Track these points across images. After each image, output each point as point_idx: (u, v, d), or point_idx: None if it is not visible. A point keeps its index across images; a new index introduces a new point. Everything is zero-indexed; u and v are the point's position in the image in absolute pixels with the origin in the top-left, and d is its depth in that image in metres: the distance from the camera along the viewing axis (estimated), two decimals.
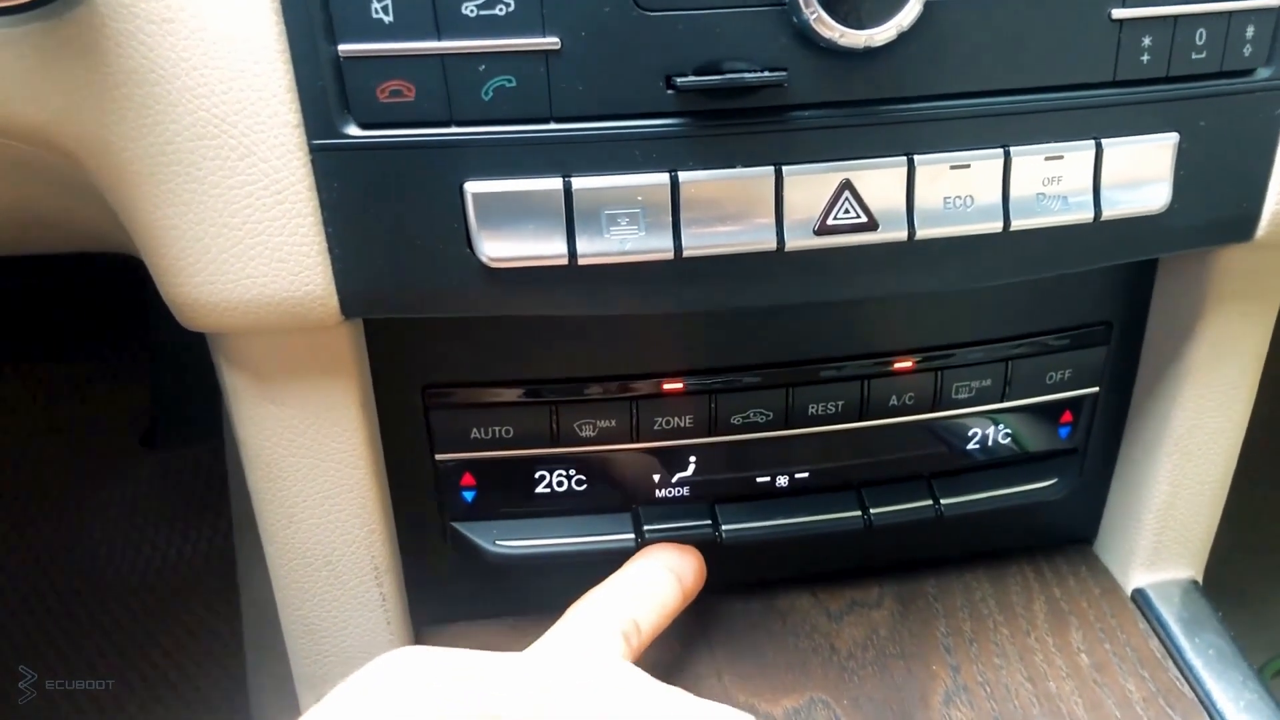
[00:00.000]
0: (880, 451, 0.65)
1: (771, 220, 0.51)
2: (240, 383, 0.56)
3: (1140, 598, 0.70)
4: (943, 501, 0.65)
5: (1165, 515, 0.69)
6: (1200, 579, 0.72)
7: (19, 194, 0.58)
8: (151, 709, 1.33)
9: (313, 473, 0.58)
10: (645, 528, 0.63)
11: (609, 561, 0.63)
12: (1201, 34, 0.52)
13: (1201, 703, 0.63)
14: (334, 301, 0.51)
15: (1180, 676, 0.64)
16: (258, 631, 1.07)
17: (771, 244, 0.51)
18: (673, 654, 0.65)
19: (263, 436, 0.57)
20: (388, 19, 0.46)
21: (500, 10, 0.46)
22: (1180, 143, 0.54)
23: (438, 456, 0.61)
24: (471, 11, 0.46)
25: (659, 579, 0.60)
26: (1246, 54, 0.53)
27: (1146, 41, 0.52)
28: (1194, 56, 0.53)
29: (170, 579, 1.44)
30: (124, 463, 1.50)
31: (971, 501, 0.66)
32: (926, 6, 0.47)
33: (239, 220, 0.49)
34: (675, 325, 0.61)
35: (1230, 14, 0.52)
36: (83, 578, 1.43)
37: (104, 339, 1.52)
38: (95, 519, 1.46)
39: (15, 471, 1.47)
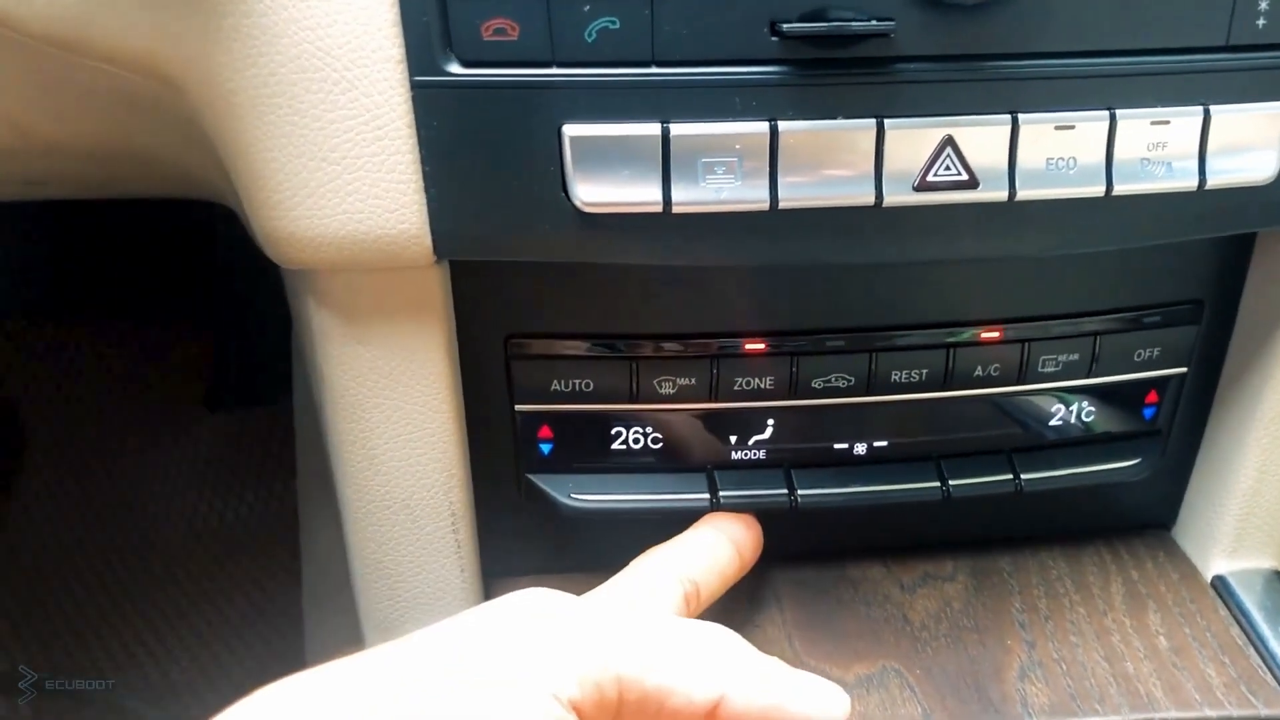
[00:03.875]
0: (961, 424, 0.64)
1: (871, 174, 0.50)
2: (328, 322, 0.56)
3: (1220, 584, 0.68)
4: (1023, 476, 0.64)
5: (1250, 502, 0.67)
6: None
7: (120, 128, 0.59)
8: (209, 667, 1.35)
9: (396, 415, 0.58)
10: (720, 490, 0.63)
11: (682, 521, 0.63)
12: None
13: None
14: (427, 241, 0.51)
15: (1263, 664, 0.63)
16: (318, 591, 1.08)
17: (870, 198, 0.50)
18: (743, 615, 0.65)
19: (348, 377, 0.57)
20: None
21: None
22: None
23: (517, 407, 0.61)
24: None
25: (721, 547, 0.60)
26: None
27: (1263, 5, 0.51)
28: None
29: (227, 540, 1.46)
30: (187, 423, 1.52)
31: (1052, 478, 0.65)
32: None
33: (338, 155, 0.49)
34: (760, 285, 0.60)
35: None
36: (139, 535, 1.45)
37: (171, 299, 1.53)
38: (155, 479, 1.48)
39: (78, 428, 1.49)
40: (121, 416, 1.51)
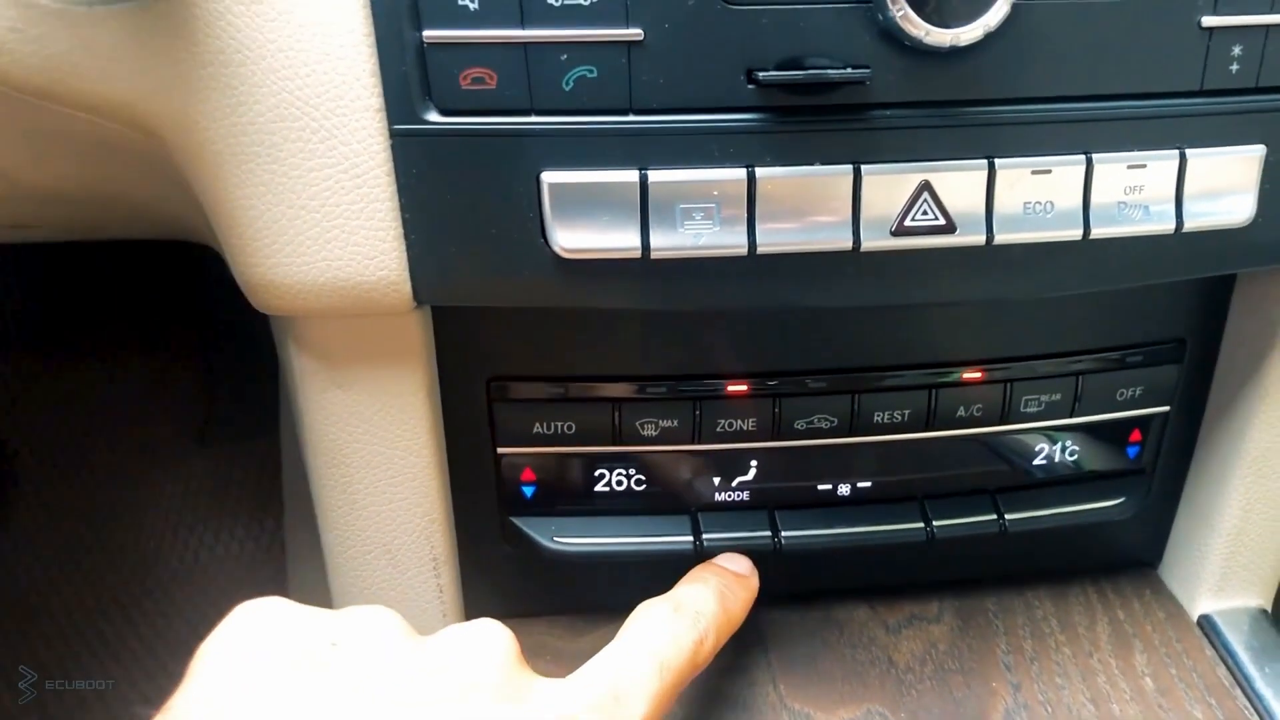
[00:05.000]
0: (945, 463, 0.64)
1: (848, 219, 0.50)
2: (309, 367, 0.56)
3: (1207, 624, 0.68)
4: (1007, 516, 0.64)
5: (1235, 541, 0.67)
6: (1269, 608, 0.70)
7: (102, 173, 0.59)
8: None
9: (376, 459, 0.58)
10: (704, 533, 0.63)
11: (666, 563, 0.62)
12: None
13: None
14: (407, 287, 0.51)
15: (1249, 705, 0.62)
16: None
17: (847, 243, 0.50)
18: (728, 660, 0.64)
19: (328, 422, 0.57)
20: (473, 6, 0.46)
21: (585, 0, 0.46)
22: (1267, 155, 0.53)
23: (500, 450, 0.61)
24: (556, 0, 0.46)
25: (708, 614, 0.56)
26: None
27: (1236, 51, 0.51)
28: None
29: (215, 576, 1.45)
30: (177, 458, 1.51)
31: (1036, 518, 0.65)
32: (1014, 8, 0.47)
33: (317, 203, 0.49)
34: (741, 327, 0.60)
35: None
36: (129, 570, 1.44)
37: (161, 334, 1.53)
38: (145, 514, 1.48)
39: (68, 463, 1.49)
40: (111, 452, 1.50)
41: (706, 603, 0.56)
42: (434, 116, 0.48)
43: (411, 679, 0.45)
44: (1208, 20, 0.50)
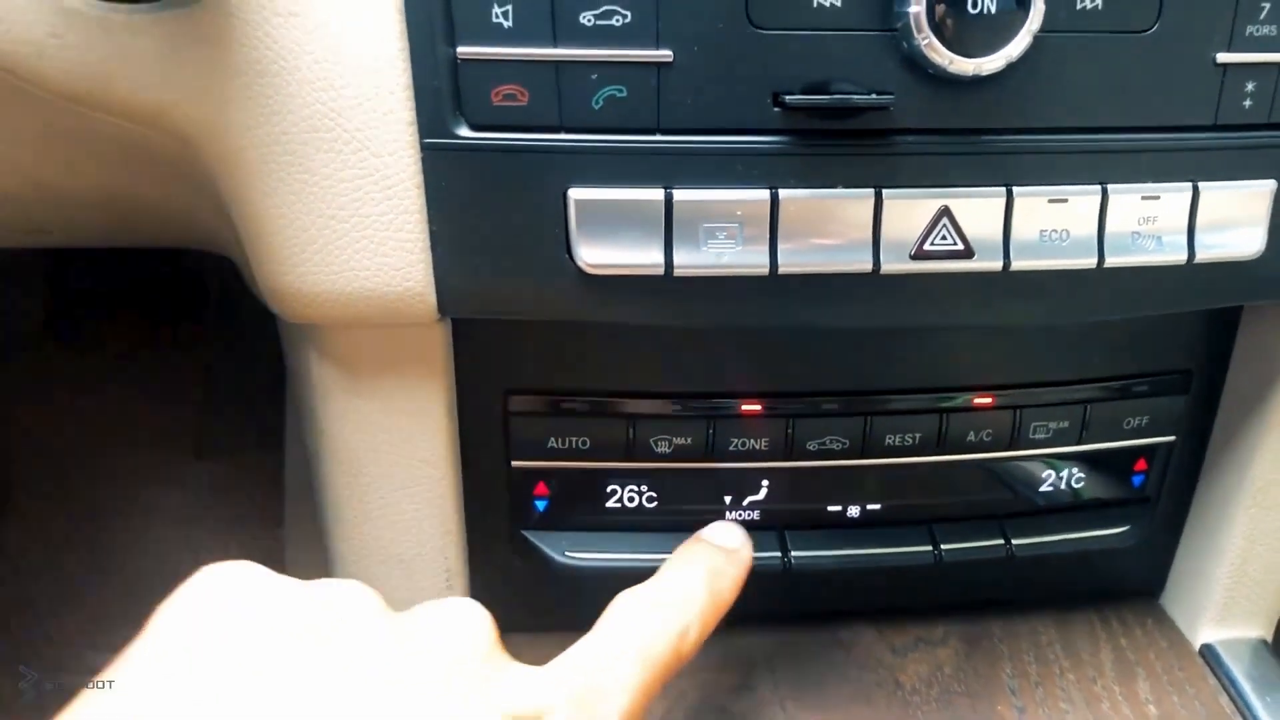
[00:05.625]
0: (954, 488, 0.65)
1: (868, 242, 0.51)
2: (330, 375, 0.57)
3: (1209, 653, 0.69)
4: (1014, 541, 0.65)
5: (1239, 571, 0.68)
6: (1270, 639, 0.70)
7: (130, 180, 0.59)
8: None
9: (394, 469, 0.58)
10: None
11: None
12: None
13: None
14: (432, 299, 0.51)
15: None
16: None
17: (867, 266, 0.51)
18: (735, 678, 0.65)
19: (348, 430, 0.57)
20: (507, 24, 0.47)
21: (617, 21, 0.47)
22: (1278, 190, 0.54)
23: (514, 463, 0.62)
24: (589, 20, 0.47)
25: (695, 597, 0.53)
26: None
27: (1249, 87, 0.52)
28: None
29: None
30: (174, 471, 1.51)
31: (1042, 544, 0.66)
32: (1035, 40, 0.48)
33: (347, 213, 0.50)
34: (756, 347, 0.61)
35: None
36: (123, 585, 1.44)
37: (161, 346, 1.54)
38: (141, 527, 1.47)
39: (64, 475, 1.49)
40: (108, 463, 1.50)
41: (693, 589, 0.53)
42: (465, 131, 0.49)
43: (391, 657, 0.43)
44: (1222, 57, 0.51)
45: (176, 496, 1.49)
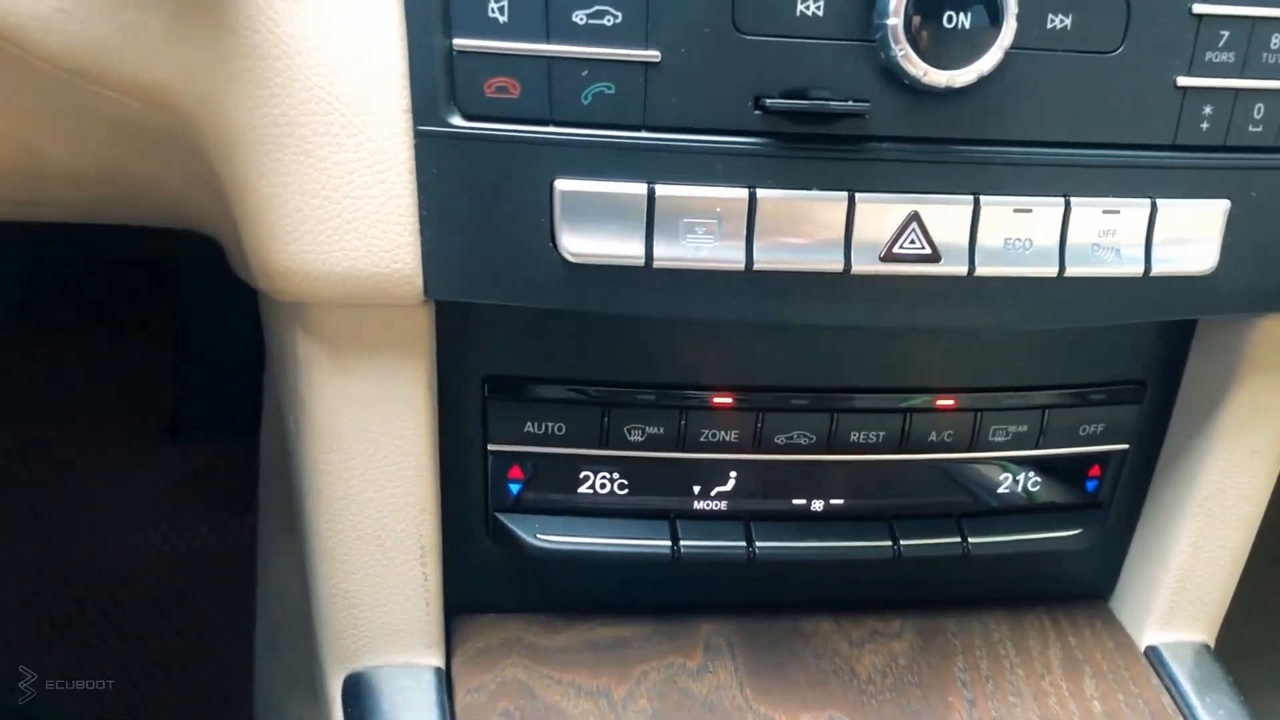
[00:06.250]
0: (914, 486, 0.67)
1: (841, 242, 0.53)
2: (315, 353, 0.58)
3: (1153, 655, 0.71)
4: (970, 540, 0.67)
5: (1184, 576, 0.71)
6: (1213, 644, 0.73)
7: (127, 156, 0.61)
8: (153, 704, 1.34)
9: (374, 447, 0.60)
10: (681, 539, 0.65)
11: (644, 564, 0.65)
12: (1260, 109, 0.55)
13: None
14: (419, 281, 0.53)
15: None
16: (272, 627, 1.08)
17: (839, 265, 0.53)
18: (696, 662, 0.67)
19: (330, 408, 0.59)
20: (502, 19, 0.49)
21: (608, 20, 0.49)
22: (1231, 209, 0.56)
23: (490, 446, 0.63)
24: (581, 19, 0.49)
25: None
26: None
27: (1207, 110, 0.55)
28: (1251, 129, 0.55)
29: (184, 573, 1.44)
30: (147, 453, 1.51)
31: (997, 543, 0.68)
32: (1006, 55, 0.50)
33: (340, 194, 0.51)
34: (730, 342, 0.63)
35: None
36: (92, 567, 1.43)
37: (136, 327, 1.54)
38: (112, 509, 1.47)
39: (33, 455, 1.48)
40: (80, 444, 1.50)
41: None
42: (457, 120, 0.51)
43: None
44: (1183, 80, 0.54)
45: (148, 480, 1.49)
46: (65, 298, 1.51)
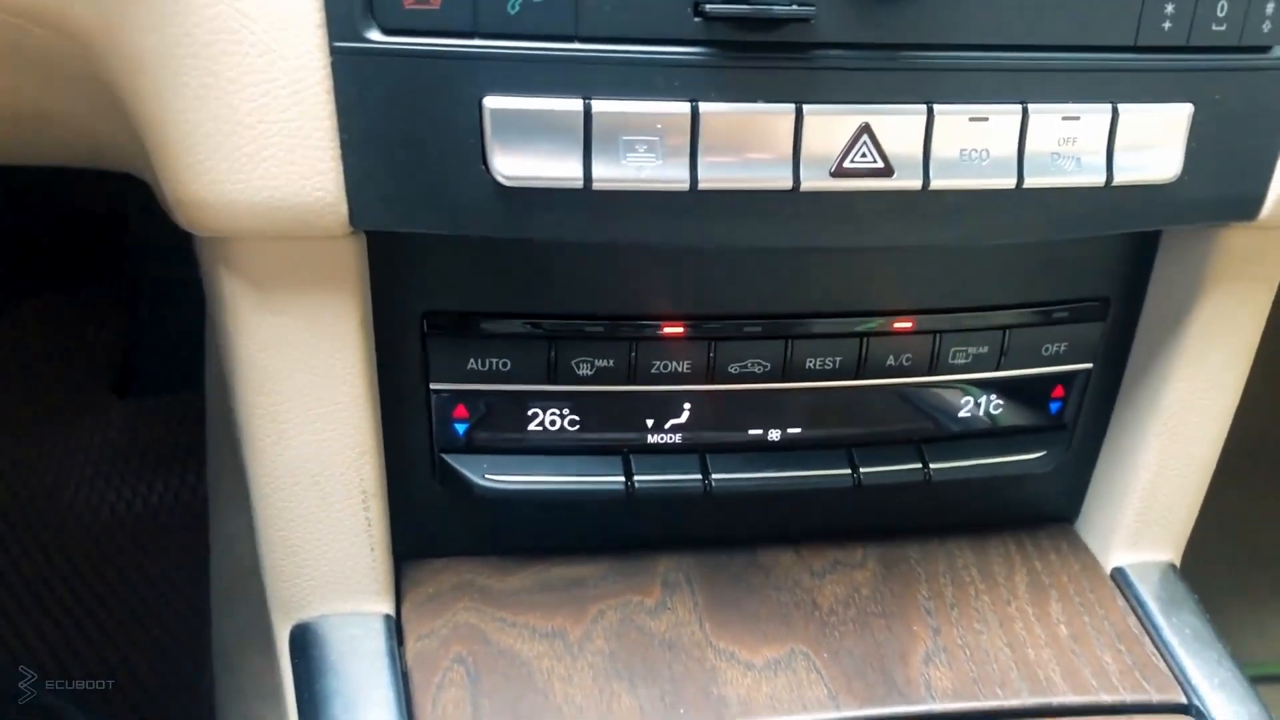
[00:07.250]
0: (873, 413, 0.65)
1: (789, 158, 0.50)
2: (239, 290, 0.55)
3: (1119, 576, 0.70)
4: (932, 466, 0.66)
5: (1149, 496, 0.69)
6: (1178, 563, 0.72)
7: (29, 90, 0.57)
8: (111, 659, 1.32)
9: (307, 388, 0.57)
10: (635, 474, 0.63)
11: (597, 503, 0.63)
12: (1223, 6, 0.53)
13: (1176, 678, 0.63)
14: (343, 209, 0.50)
15: (1156, 652, 0.65)
16: (225, 583, 1.06)
17: (787, 183, 0.51)
18: (655, 598, 0.65)
19: (258, 347, 0.56)
20: None
21: None
22: (1194, 114, 0.54)
23: (433, 386, 0.61)
24: None
25: None
26: (1265, 30, 0.54)
27: (1169, 9, 0.52)
28: (1214, 28, 0.53)
29: (133, 531, 1.42)
30: (95, 409, 1.48)
31: (959, 469, 0.66)
32: None
33: (254, 119, 0.48)
34: (679, 269, 0.61)
35: None
36: (42, 524, 1.41)
37: (82, 280, 1.49)
38: (60, 466, 1.44)
39: None
40: (26, 400, 1.46)
41: None
42: (376, 35, 0.47)
43: None
44: None
45: (96, 434, 1.46)
46: (11, 250, 1.46)
